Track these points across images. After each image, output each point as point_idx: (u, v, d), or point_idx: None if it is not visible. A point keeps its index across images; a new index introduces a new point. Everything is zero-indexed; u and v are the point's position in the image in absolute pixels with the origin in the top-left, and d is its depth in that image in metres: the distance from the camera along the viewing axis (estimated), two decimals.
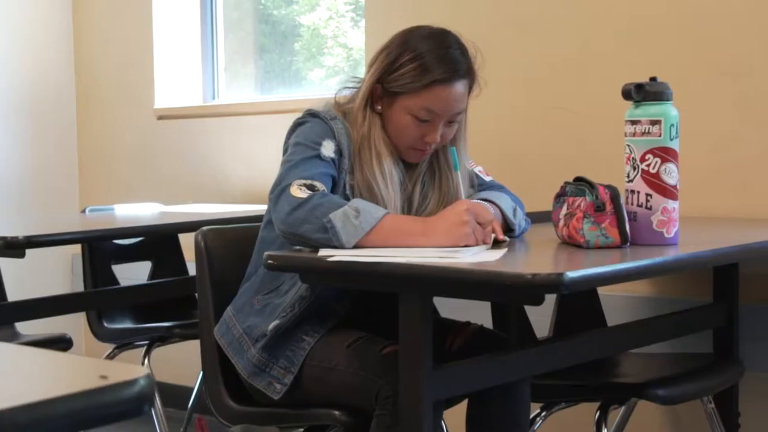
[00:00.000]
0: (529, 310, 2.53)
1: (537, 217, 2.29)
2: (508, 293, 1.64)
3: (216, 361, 2.20)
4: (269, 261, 1.87)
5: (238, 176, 3.87)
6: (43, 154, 4.41)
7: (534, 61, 3.05)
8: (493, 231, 1.94)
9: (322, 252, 1.84)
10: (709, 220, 2.59)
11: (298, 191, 1.94)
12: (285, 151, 2.13)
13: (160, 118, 4.16)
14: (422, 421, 1.76)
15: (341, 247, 1.86)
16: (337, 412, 2.03)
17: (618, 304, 2.78)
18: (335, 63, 4.13)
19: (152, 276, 3.47)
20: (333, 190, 2.07)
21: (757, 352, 2.61)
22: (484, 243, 1.91)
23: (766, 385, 2.64)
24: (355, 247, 1.87)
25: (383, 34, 2.20)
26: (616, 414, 2.59)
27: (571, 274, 1.56)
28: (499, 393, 2.11)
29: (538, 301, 1.60)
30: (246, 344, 2.12)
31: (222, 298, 2.25)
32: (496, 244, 1.95)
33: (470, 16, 3.19)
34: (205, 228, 2.31)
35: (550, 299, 2.58)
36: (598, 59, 2.90)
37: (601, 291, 2.69)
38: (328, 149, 2.06)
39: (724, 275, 2.56)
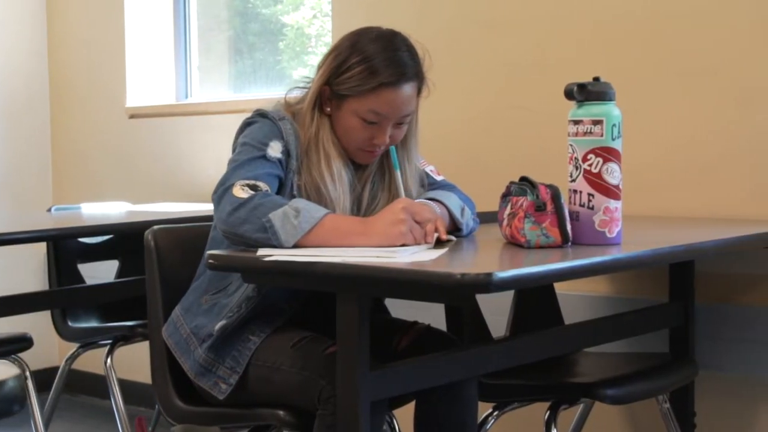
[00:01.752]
0: (485, 309, 2.53)
1: (493, 217, 2.29)
2: (438, 293, 1.64)
3: (164, 361, 2.20)
4: (210, 261, 1.87)
5: (207, 175, 3.87)
6: (17, 153, 4.41)
7: (496, 60, 3.05)
8: (436, 230, 1.94)
9: (261, 252, 1.84)
10: (666, 220, 2.59)
11: (240, 191, 1.94)
12: (234, 150, 2.13)
13: (132, 116, 4.16)
14: (359, 421, 1.76)
15: (280, 246, 1.86)
16: (281, 412, 2.03)
17: (576, 304, 2.78)
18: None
19: (119, 275, 3.47)
20: (280, 191, 2.07)
21: (713, 352, 2.61)
22: (426, 242, 1.90)
23: (722, 385, 2.65)
24: (295, 246, 1.87)
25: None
26: (568, 414, 2.59)
27: (501, 274, 1.56)
28: (445, 393, 2.11)
29: (468, 301, 1.59)
30: (193, 344, 2.12)
31: (174, 297, 2.25)
32: (440, 243, 1.95)
33: (435, 15, 3.19)
34: (155, 227, 2.31)
35: (508, 298, 2.58)
36: (559, 59, 2.90)
37: (559, 290, 2.70)
38: (274, 150, 2.06)
39: (679, 275, 2.56)
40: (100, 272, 3.49)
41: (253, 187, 1.95)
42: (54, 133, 4.49)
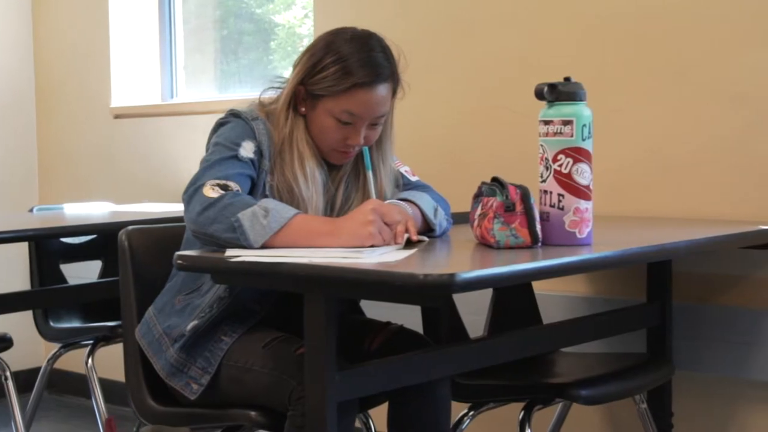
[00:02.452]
0: (464, 309, 2.53)
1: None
2: (402, 293, 1.64)
3: (138, 361, 2.19)
4: (179, 261, 1.87)
5: (193, 175, 3.85)
6: (2, 153, 4.41)
7: (478, 60, 3.05)
8: (407, 231, 1.94)
9: (228, 252, 1.84)
10: (642, 220, 2.59)
11: (210, 191, 1.94)
12: (207, 150, 2.13)
13: (117, 116, 4.16)
14: (326, 421, 1.76)
15: (249, 246, 1.86)
16: (252, 413, 2.03)
17: (555, 304, 2.78)
18: None
19: (103, 275, 3.46)
20: (252, 191, 2.07)
21: (691, 352, 2.61)
22: (395, 243, 1.90)
23: (700, 385, 2.65)
24: (264, 247, 1.87)
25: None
26: (547, 413, 2.59)
27: (463, 275, 1.56)
28: (417, 393, 2.11)
29: (433, 301, 1.60)
30: (165, 344, 2.12)
31: (148, 298, 2.24)
32: (412, 244, 1.95)
33: (417, 15, 3.19)
34: (130, 227, 2.30)
35: (486, 298, 2.58)
36: (541, 59, 2.90)
37: (538, 290, 2.70)
38: (247, 150, 2.06)
39: (657, 275, 2.56)
40: (83, 272, 3.49)
41: (224, 187, 1.95)
42: (40, 133, 4.48)
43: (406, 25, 3.19)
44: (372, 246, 1.86)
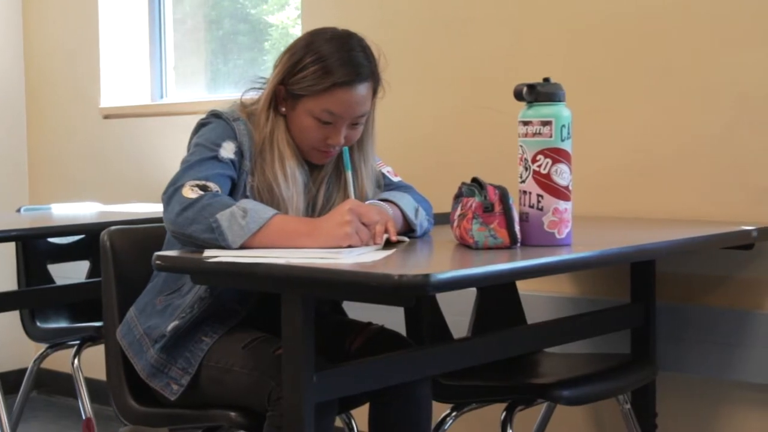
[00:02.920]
0: (448, 310, 2.53)
1: None
2: (377, 294, 1.64)
3: (119, 362, 2.19)
4: (157, 261, 1.87)
5: None
6: None
7: (464, 60, 3.05)
8: (386, 231, 1.94)
9: (207, 253, 1.84)
10: (626, 221, 2.59)
11: (189, 192, 1.93)
12: (188, 151, 2.13)
13: (106, 117, 4.16)
14: (304, 422, 1.76)
15: (228, 247, 1.86)
16: (232, 413, 2.03)
17: (540, 304, 2.78)
18: None
19: (90, 275, 3.46)
20: (233, 192, 2.07)
21: (675, 353, 2.61)
22: (374, 243, 1.90)
23: (684, 385, 2.65)
24: (243, 247, 1.87)
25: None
26: (532, 414, 2.59)
27: (438, 276, 1.56)
28: (398, 394, 2.11)
29: (407, 302, 1.60)
30: (146, 345, 2.12)
31: (130, 298, 2.24)
32: (391, 244, 1.95)
33: (403, 14, 3.19)
34: (112, 228, 2.30)
35: (471, 299, 2.58)
36: (525, 59, 2.90)
37: (523, 291, 2.70)
38: (227, 150, 2.06)
39: (641, 276, 2.56)
40: (71, 272, 3.49)
41: (203, 188, 1.95)
42: (29, 133, 4.48)
43: (393, 26, 3.19)
44: (350, 246, 1.86)
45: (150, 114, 4.08)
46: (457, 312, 2.59)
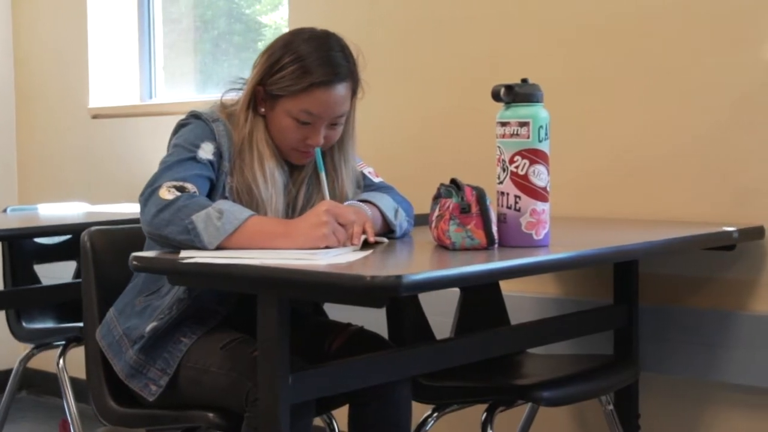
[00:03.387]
0: (431, 310, 2.52)
1: None
2: (349, 295, 1.64)
3: (99, 363, 2.19)
4: (134, 262, 1.87)
5: None
6: None
7: (451, 60, 3.04)
8: (364, 232, 1.94)
9: (183, 254, 1.84)
10: (609, 221, 2.59)
11: (166, 193, 1.93)
12: (168, 151, 2.13)
13: (95, 117, 4.15)
14: (279, 423, 1.75)
15: (204, 248, 1.86)
16: (210, 414, 2.03)
17: (524, 305, 2.78)
18: None
19: (77, 276, 3.46)
20: (212, 192, 2.06)
21: (658, 354, 2.61)
22: (352, 244, 1.90)
23: (667, 386, 2.65)
24: (219, 248, 1.86)
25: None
26: (516, 414, 2.59)
27: (411, 277, 1.56)
28: (377, 395, 2.11)
29: (379, 303, 1.59)
30: (125, 345, 2.11)
31: (111, 299, 2.24)
32: (370, 245, 1.95)
33: (390, 15, 3.19)
34: (92, 228, 2.30)
35: (454, 299, 2.58)
36: (512, 60, 2.90)
37: (506, 291, 2.69)
38: (206, 151, 2.06)
39: (624, 276, 2.56)
40: (58, 273, 3.48)
41: (180, 189, 1.94)
42: (19, 133, 4.48)
43: (378, 27, 3.19)
44: (327, 247, 1.86)
45: (139, 114, 4.07)
46: (441, 312, 2.58)
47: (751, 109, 2.48)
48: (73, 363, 3.19)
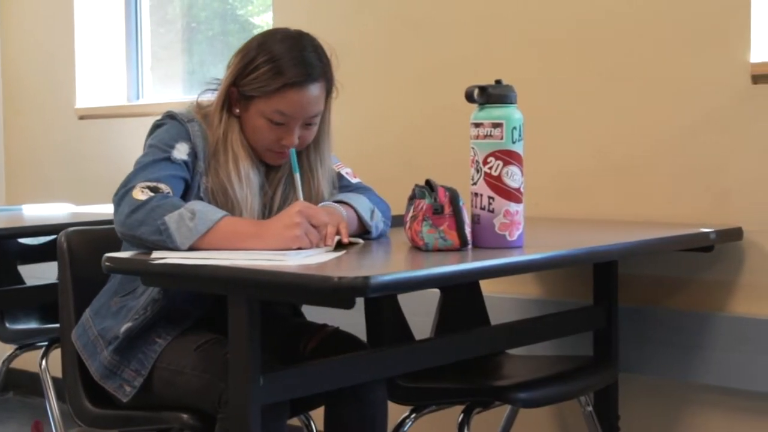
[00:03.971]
0: (411, 311, 2.52)
1: None
2: (318, 296, 1.63)
3: (75, 364, 2.19)
4: (107, 263, 1.87)
5: None
6: None
7: (433, 61, 3.04)
8: (338, 233, 1.94)
9: (155, 254, 1.84)
10: (590, 223, 2.59)
11: (139, 193, 1.93)
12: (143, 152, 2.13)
13: (82, 117, 4.15)
14: (250, 424, 1.75)
15: (176, 249, 1.86)
16: (185, 415, 2.03)
17: (504, 306, 2.77)
18: None
19: None
20: (187, 193, 2.06)
21: (637, 355, 2.61)
22: (325, 245, 1.90)
23: (646, 387, 2.65)
24: (191, 249, 1.86)
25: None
26: (497, 415, 2.58)
27: (379, 278, 1.56)
28: (352, 396, 2.11)
29: (347, 304, 1.59)
30: (100, 346, 2.11)
31: (88, 300, 2.24)
32: (345, 246, 1.95)
33: (371, 15, 3.19)
34: (69, 229, 2.30)
35: (434, 300, 2.58)
36: (490, 61, 2.90)
37: (487, 292, 2.69)
38: (180, 152, 2.06)
39: (603, 277, 2.56)
40: (43, 273, 3.48)
41: (154, 189, 1.94)
42: (6, 134, 4.48)
43: (358, 29, 3.19)
44: (300, 248, 1.85)
45: (126, 115, 4.07)
46: (421, 313, 2.58)
47: (729, 110, 2.49)
48: (56, 363, 3.18)
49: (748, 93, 2.46)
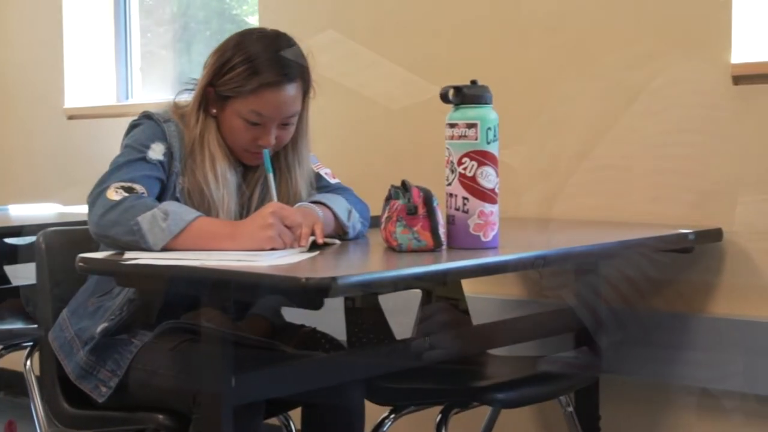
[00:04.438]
0: (392, 311, 2.52)
1: None
2: (287, 296, 1.64)
3: (52, 364, 2.18)
4: (80, 263, 1.87)
5: None
6: None
7: (421, 61, 3.04)
8: (313, 233, 1.94)
9: (127, 255, 1.84)
10: (572, 223, 2.59)
11: (113, 194, 1.93)
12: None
13: (71, 117, 4.15)
14: (222, 425, 1.75)
15: (149, 249, 1.86)
16: (160, 416, 2.03)
17: (486, 306, 2.77)
18: None
19: None
20: (163, 193, 2.06)
21: (618, 355, 2.60)
22: (299, 246, 1.90)
23: (627, 388, 2.64)
24: (164, 249, 1.86)
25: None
26: (474, 417, 2.58)
27: (346, 279, 1.56)
28: (328, 396, 2.10)
29: (315, 304, 1.59)
30: (76, 347, 2.11)
31: (66, 300, 2.24)
32: (320, 246, 1.95)
33: (354, 17, 3.19)
34: (48, 230, 2.30)
35: (415, 300, 2.57)
36: (471, 60, 2.90)
37: (469, 293, 2.69)
38: (156, 152, 2.06)
39: (584, 278, 2.55)
40: (29, 274, 3.47)
41: (129, 189, 1.94)
42: None
43: (347, 27, 3.19)
44: (273, 249, 1.85)
45: (115, 115, 4.06)
46: (404, 312, 2.58)
47: (710, 111, 2.48)
48: None
49: (729, 94, 2.46)
